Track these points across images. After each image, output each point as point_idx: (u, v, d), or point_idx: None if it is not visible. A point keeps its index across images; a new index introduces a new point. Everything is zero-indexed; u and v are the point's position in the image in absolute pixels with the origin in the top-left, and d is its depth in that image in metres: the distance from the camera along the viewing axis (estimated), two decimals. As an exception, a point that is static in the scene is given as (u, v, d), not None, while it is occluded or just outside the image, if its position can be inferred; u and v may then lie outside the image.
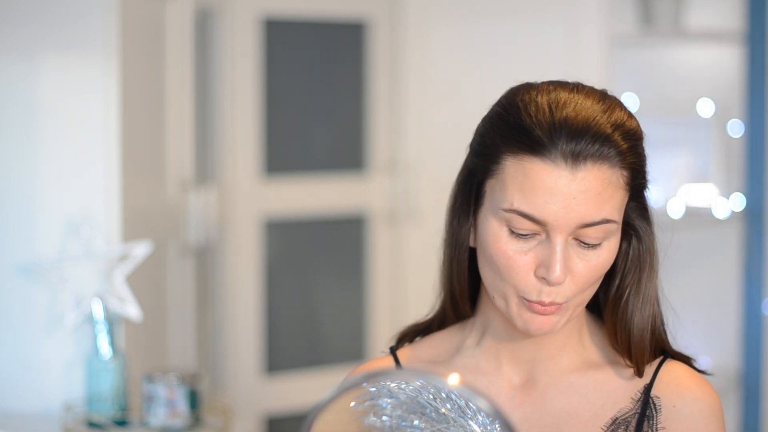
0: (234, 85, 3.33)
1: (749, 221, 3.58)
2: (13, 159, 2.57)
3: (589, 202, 1.30)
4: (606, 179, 1.31)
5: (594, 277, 1.34)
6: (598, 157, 1.31)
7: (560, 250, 1.31)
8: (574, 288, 1.33)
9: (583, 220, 1.31)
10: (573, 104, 1.33)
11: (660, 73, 3.71)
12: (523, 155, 1.31)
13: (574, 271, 1.33)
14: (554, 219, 1.30)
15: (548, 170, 1.30)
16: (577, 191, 1.30)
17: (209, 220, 3.14)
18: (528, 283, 1.33)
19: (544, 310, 1.33)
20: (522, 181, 1.31)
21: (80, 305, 2.52)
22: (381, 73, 3.57)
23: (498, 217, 1.33)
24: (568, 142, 1.30)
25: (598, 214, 1.31)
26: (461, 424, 1.27)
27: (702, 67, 3.70)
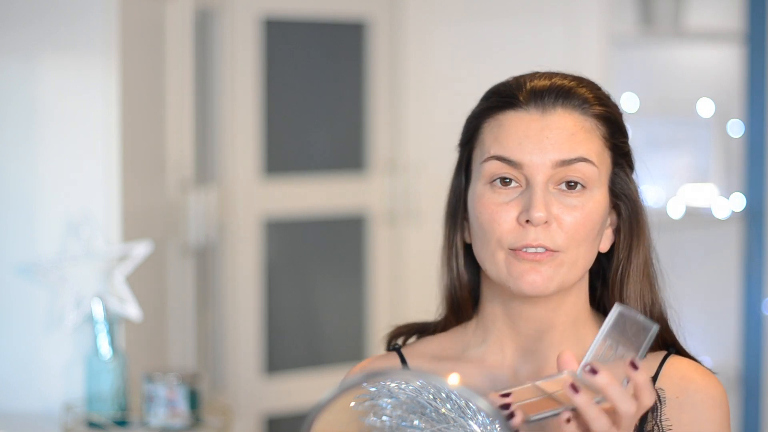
0: (234, 85, 3.33)
1: (749, 221, 3.58)
2: (13, 159, 2.57)
3: (562, 139, 1.36)
4: (578, 123, 1.38)
5: (583, 227, 1.36)
6: (567, 105, 1.39)
7: (539, 189, 1.35)
8: (563, 236, 1.36)
9: (558, 157, 1.36)
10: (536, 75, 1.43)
11: (660, 73, 3.71)
12: (496, 113, 1.40)
13: (560, 218, 1.36)
14: (529, 158, 1.36)
15: (520, 116, 1.38)
16: (549, 130, 1.37)
17: (209, 220, 3.14)
18: (512, 230, 1.36)
19: (533, 257, 1.35)
20: (497, 132, 1.39)
21: (80, 305, 2.52)
22: (381, 73, 3.57)
23: (480, 176, 1.39)
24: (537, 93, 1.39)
25: (572, 151, 1.36)
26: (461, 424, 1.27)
27: (702, 67, 3.70)
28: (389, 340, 1.53)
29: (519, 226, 1.36)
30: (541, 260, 1.35)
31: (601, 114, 1.40)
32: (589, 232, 1.37)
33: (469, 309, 1.49)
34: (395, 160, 3.58)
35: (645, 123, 3.64)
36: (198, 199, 3.06)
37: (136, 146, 2.67)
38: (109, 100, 2.55)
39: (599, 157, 1.38)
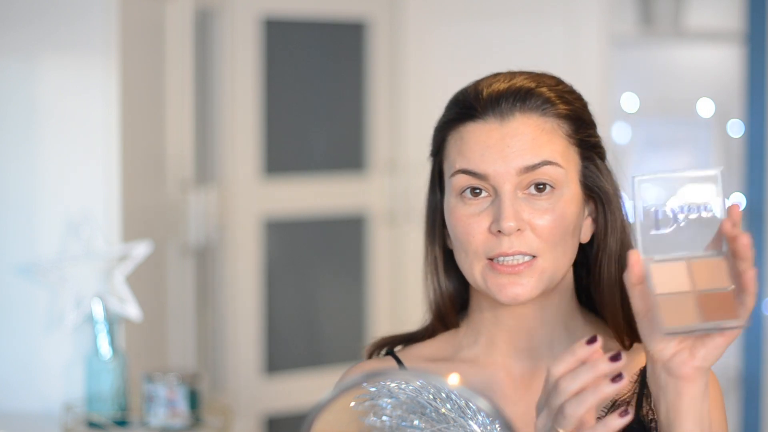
0: (234, 85, 3.33)
1: (749, 221, 3.58)
2: (13, 159, 2.57)
3: (523, 146, 1.36)
4: (538, 126, 1.37)
5: (557, 229, 1.36)
6: (525, 108, 1.38)
7: (507, 198, 1.35)
8: (539, 241, 1.36)
9: (521, 164, 1.36)
10: (497, 77, 1.42)
11: (660, 73, 3.71)
12: (458, 126, 1.40)
13: (532, 223, 1.36)
14: (493, 169, 1.36)
15: (479, 127, 1.38)
16: (510, 138, 1.36)
17: (209, 220, 3.14)
18: (486, 240, 1.37)
19: (511, 269, 1.36)
20: (460, 145, 1.39)
21: (80, 305, 2.52)
22: (381, 73, 3.57)
23: (450, 189, 1.40)
24: (494, 100, 1.38)
25: (535, 156, 1.36)
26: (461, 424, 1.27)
27: (702, 67, 3.70)
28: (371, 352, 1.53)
29: (492, 235, 1.36)
30: (520, 272, 1.36)
31: (562, 113, 1.39)
32: (564, 232, 1.38)
33: (454, 317, 1.50)
34: (395, 160, 3.58)
35: (645, 123, 3.64)
36: (198, 199, 3.06)
37: (136, 146, 2.67)
38: (109, 100, 2.55)
39: (564, 156, 1.38)
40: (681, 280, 1.21)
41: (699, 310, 1.19)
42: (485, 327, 1.46)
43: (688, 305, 1.20)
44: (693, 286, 1.21)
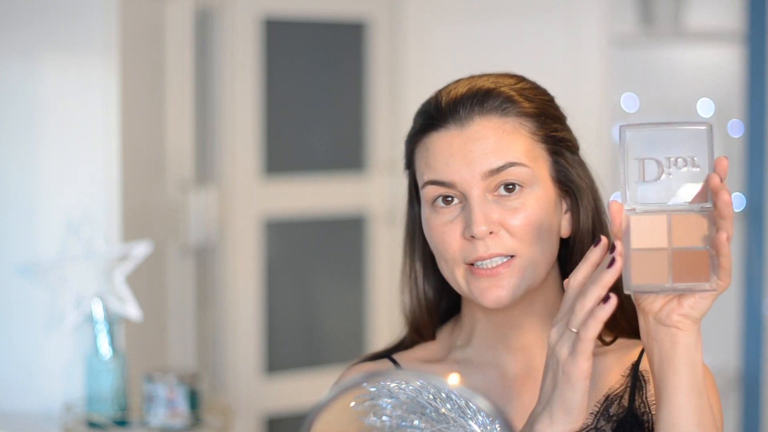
0: (234, 85, 3.33)
1: (749, 221, 3.58)
2: (13, 159, 2.57)
3: (486, 149, 1.36)
4: (499, 128, 1.38)
5: (530, 226, 1.37)
6: (484, 111, 1.38)
7: (476, 203, 1.36)
8: (514, 240, 1.37)
9: (486, 168, 1.36)
10: (457, 84, 1.42)
11: (660, 73, 3.71)
12: (423, 137, 1.41)
13: (505, 223, 1.37)
14: (459, 175, 1.37)
15: (441, 136, 1.39)
16: (471, 143, 1.37)
17: (209, 220, 3.14)
18: (462, 247, 1.37)
19: (490, 272, 1.36)
20: (426, 156, 1.40)
21: (80, 305, 2.52)
22: (381, 73, 3.57)
23: (423, 201, 1.41)
24: (452, 107, 1.38)
25: (499, 158, 1.36)
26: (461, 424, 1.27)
27: (702, 67, 3.70)
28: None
29: (467, 241, 1.37)
30: (498, 273, 1.37)
31: (523, 111, 1.39)
32: (539, 228, 1.38)
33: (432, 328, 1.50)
34: (395, 160, 3.58)
35: (645, 123, 3.63)
36: (198, 199, 3.06)
37: (136, 146, 2.67)
38: (109, 100, 2.55)
39: (529, 155, 1.38)
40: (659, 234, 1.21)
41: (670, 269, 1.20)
42: (477, 327, 1.46)
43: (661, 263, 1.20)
44: (669, 243, 1.21)
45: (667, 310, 1.24)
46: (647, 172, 1.22)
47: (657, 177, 1.21)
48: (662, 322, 1.24)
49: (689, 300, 1.23)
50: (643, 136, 1.22)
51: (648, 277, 1.20)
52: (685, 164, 1.21)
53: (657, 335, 1.24)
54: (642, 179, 1.22)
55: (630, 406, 1.39)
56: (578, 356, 1.22)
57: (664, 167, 1.22)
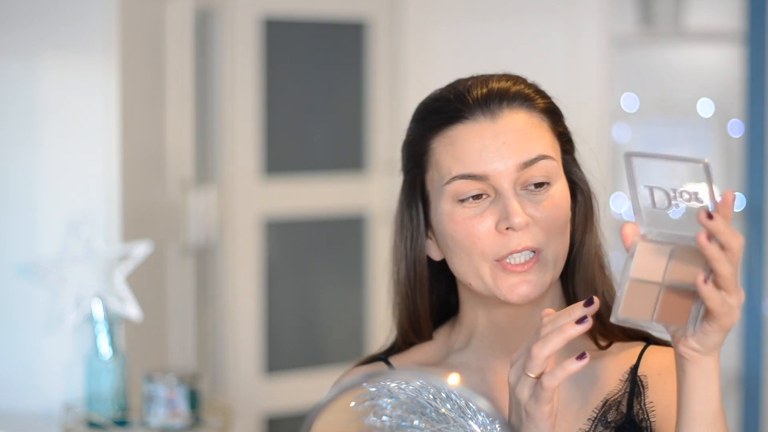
0: (234, 85, 3.33)
1: (749, 221, 3.58)
2: (13, 159, 2.57)
3: (519, 141, 1.35)
4: (527, 121, 1.37)
5: (558, 219, 1.36)
6: (511, 104, 1.37)
7: (512, 195, 1.34)
8: (542, 233, 1.35)
9: (520, 160, 1.34)
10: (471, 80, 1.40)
11: (660, 73, 3.71)
12: (445, 130, 1.38)
13: (535, 216, 1.35)
14: (493, 168, 1.34)
15: (471, 128, 1.36)
16: (505, 135, 1.35)
17: (209, 220, 3.14)
18: (494, 241, 1.35)
19: (521, 267, 1.35)
20: (452, 150, 1.36)
21: (80, 305, 2.52)
22: (381, 73, 3.57)
23: (445, 197, 1.37)
24: (479, 100, 1.36)
25: (532, 150, 1.35)
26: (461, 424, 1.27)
27: (702, 67, 3.70)
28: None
29: (499, 234, 1.35)
30: (529, 269, 1.35)
31: (544, 107, 1.39)
32: (563, 223, 1.38)
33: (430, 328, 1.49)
34: (395, 160, 3.58)
35: (645, 123, 3.64)
36: (198, 199, 3.06)
37: (136, 146, 2.67)
38: (109, 100, 2.55)
39: (554, 149, 1.38)
40: (658, 267, 1.21)
41: (657, 306, 1.20)
42: (478, 330, 1.45)
43: (650, 298, 1.20)
44: (663, 278, 1.20)
45: (676, 339, 1.23)
46: (657, 200, 1.22)
47: (667, 206, 1.21)
48: (675, 350, 1.24)
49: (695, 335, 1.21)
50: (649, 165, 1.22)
51: (635, 311, 1.21)
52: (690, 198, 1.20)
53: (677, 360, 1.24)
54: (654, 206, 1.22)
55: (628, 413, 1.38)
56: (540, 401, 1.22)
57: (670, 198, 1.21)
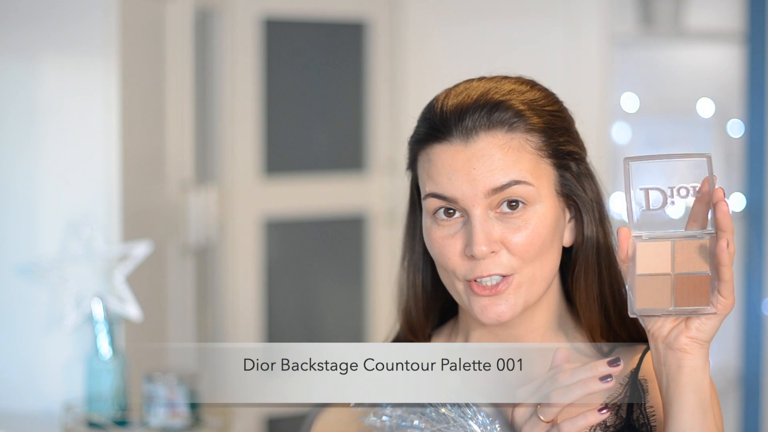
0: (234, 85, 3.33)
1: (749, 221, 3.58)
2: (14, 159, 2.57)
3: (491, 167, 1.34)
4: (504, 145, 1.34)
5: (532, 245, 1.35)
6: (490, 126, 1.34)
7: (477, 222, 1.33)
8: (515, 259, 1.35)
9: (489, 186, 1.33)
10: (467, 88, 1.38)
11: (660, 73, 3.71)
12: (426, 146, 1.38)
13: (507, 241, 1.34)
14: (461, 192, 1.34)
15: (445, 149, 1.35)
16: (475, 160, 1.34)
17: (209, 220, 3.14)
18: (461, 264, 1.35)
19: (490, 291, 1.35)
20: (428, 168, 1.37)
21: (80, 305, 2.52)
22: (381, 73, 3.57)
23: (425, 210, 1.38)
24: (458, 119, 1.35)
25: (503, 177, 1.34)
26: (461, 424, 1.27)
27: (702, 67, 3.70)
28: None
29: (467, 258, 1.35)
30: (499, 292, 1.35)
31: (531, 127, 1.36)
32: (541, 246, 1.36)
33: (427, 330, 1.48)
34: (395, 160, 3.58)
35: (645, 123, 3.64)
36: (198, 199, 3.06)
37: (136, 146, 2.67)
38: (109, 100, 2.55)
39: (534, 173, 1.35)
40: (663, 260, 1.26)
41: (673, 294, 1.26)
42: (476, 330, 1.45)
43: (664, 288, 1.26)
44: (672, 268, 1.26)
45: (675, 333, 1.27)
46: (652, 201, 1.27)
47: (662, 205, 1.26)
48: (670, 346, 1.27)
49: (695, 322, 1.27)
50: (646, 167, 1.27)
51: (651, 302, 1.26)
52: (688, 193, 1.26)
53: (666, 359, 1.28)
54: (648, 208, 1.27)
55: (628, 417, 1.38)
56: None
57: (668, 196, 1.27)
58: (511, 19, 3.49)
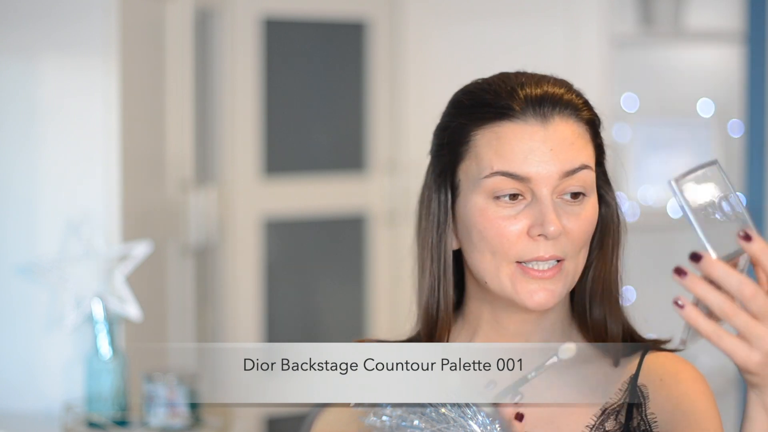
0: (234, 85, 3.33)
1: (749, 221, 3.57)
2: (14, 159, 2.57)
3: (565, 150, 1.34)
4: (575, 131, 1.36)
5: (586, 233, 1.36)
6: (563, 111, 1.36)
7: (549, 201, 1.33)
8: (570, 245, 1.34)
9: (563, 168, 1.33)
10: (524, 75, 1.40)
11: (660, 73, 3.71)
12: (492, 124, 1.36)
13: (567, 227, 1.34)
14: (536, 172, 1.33)
15: (521, 128, 1.34)
16: (553, 142, 1.34)
17: (209, 220, 3.14)
18: (518, 244, 1.33)
19: (542, 274, 1.34)
20: (497, 146, 1.35)
21: (80, 305, 2.52)
22: (381, 73, 3.57)
23: (480, 190, 1.35)
24: (532, 101, 1.35)
25: (576, 160, 1.34)
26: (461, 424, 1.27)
27: (702, 67, 3.70)
28: None
29: (529, 239, 1.33)
30: (550, 277, 1.34)
31: (589, 118, 1.39)
32: (588, 236, 1.37)
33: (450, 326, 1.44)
34: (395, 160, 3.58)
35: (645, 123, 3.64)
36: (198, 199, 3.06)
37: (136, 146, 2.67)
38: (109, 100, 2.55)
39: (593, 161, 1.38)
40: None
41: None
42: (481, 327, 1.44)
43: None
44: None
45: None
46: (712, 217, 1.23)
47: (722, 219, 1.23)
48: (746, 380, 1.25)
49: None
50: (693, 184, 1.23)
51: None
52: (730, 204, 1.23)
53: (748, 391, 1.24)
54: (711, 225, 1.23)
55: (627, 423, 1.37)
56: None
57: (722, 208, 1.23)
58: (511, 19, 3.49)
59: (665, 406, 1.38)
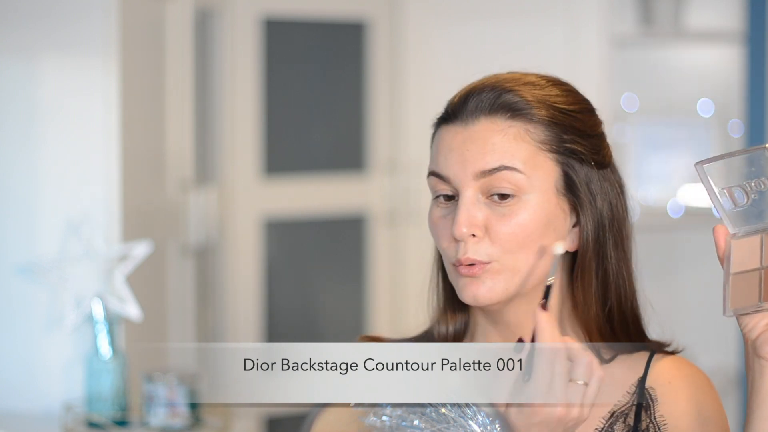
0: (234, 85, 3.33)
1: (749, 221, 3.57)
2: (14, 159, 2.57)
3: (482, 149, 1.35)
4: (501, 130, 1.35)
5: (517, 236, 1.34)
6: (492, 110, 1.36)
7: (463, 204, 1.34)
8: (496, 247, 1.34)
9: (478, 168, 1.34)
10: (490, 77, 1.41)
11: (660, 73, 3.71)
12: (439, 127, 1.41)
13: (492, 229, 1.34)
14: (453, 172, 1.36)
15: (449, 130, 1.38)
16: (469, 141, 1.35)
17: (209, 220, 3.14)
18: (449, 244, 1.36)
19: (468, 271, 1.35)
20: (434, 147, 1.40)
21: (80, 305, 2.52)
22: (381, 73, 3.57)
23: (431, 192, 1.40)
24: (462, 102, 1.38)
25: (493, 160, 1.34)
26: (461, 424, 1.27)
27: (702, 67, 3.70)
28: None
29: (453, 240, 1.35)
30: (475, 273, 1.34)
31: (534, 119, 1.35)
32: (526, 239, 1.34)
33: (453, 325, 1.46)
34: (395, 160, 3.58)
35: (645, 123, 3.64)
36: (198, 199, 3.06)
37: (136, 146, 2.67)
38: (109, 100, 2.55)
39: (530, 162, 1.34)
40: (754, 255, 1.25)
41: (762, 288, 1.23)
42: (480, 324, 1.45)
43: (753, 284, 1.24)
44: (761, 262, 1.25)
45: (762, 340, 1.25)
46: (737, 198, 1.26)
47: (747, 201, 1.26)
48: (757, 351, 1.26)
49: None
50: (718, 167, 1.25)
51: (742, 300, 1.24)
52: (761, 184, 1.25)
53: (752, 364, 1.26)
54: (735, 206, 1.26)
55: (636, 426, 1.37)
56: None
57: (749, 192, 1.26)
58: (511, 19, 3.49)
59: (675, 409, 1.37)
